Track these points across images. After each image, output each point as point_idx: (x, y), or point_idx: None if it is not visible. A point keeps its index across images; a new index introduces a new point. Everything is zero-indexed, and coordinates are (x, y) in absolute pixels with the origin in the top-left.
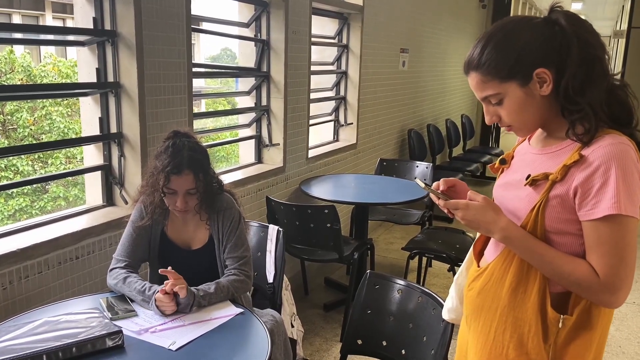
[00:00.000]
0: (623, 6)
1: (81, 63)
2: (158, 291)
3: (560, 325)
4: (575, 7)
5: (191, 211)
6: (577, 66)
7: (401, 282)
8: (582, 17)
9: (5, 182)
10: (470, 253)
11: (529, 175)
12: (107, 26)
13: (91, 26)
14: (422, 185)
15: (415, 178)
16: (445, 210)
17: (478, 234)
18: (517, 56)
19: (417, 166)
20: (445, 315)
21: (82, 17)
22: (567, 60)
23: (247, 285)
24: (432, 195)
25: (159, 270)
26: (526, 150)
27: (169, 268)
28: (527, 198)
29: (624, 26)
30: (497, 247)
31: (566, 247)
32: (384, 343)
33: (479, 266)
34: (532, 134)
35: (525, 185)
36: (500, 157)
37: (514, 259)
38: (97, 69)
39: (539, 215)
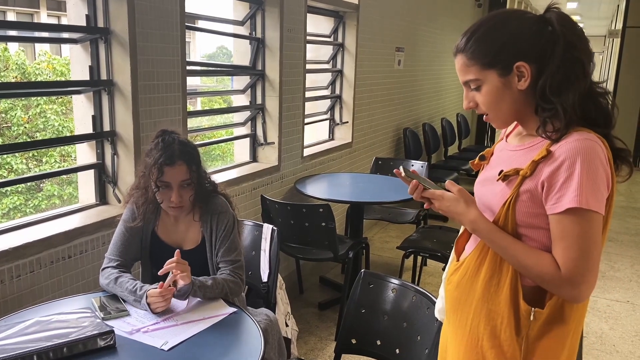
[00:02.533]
0: (618, 5)
1: (74, 61)
2: (150, 289)
3: (531, 318)
4: (570, 6)
5: (186, 207)
6: (557, 66)
7: (395, 281)
8: (576, 19)
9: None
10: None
11: (501, 171)
12: (100, 23)
13: (84, 23)
14: (403, 174)
15: (400, 167)
16: (422, 200)
17: (462, 229)
18: (501, 45)
19: (413, 165)
20: (437, 315)
21: (75, 14)
22: (549, 59)
23: (239, 288)
24: (410, 184)
25: (159, 272)
26: (503, 147)
27: (177, 254)
28: (500, 193)
29: (619, 25)
30: (475, 241)
31: (537, 241)
32: (379, 342)
33: (458, 260)
34: (511, 131)
35: (497, 180)
36: (480, 153)
37: (489, 252)
38: (90, 66)
39: (509, 209)
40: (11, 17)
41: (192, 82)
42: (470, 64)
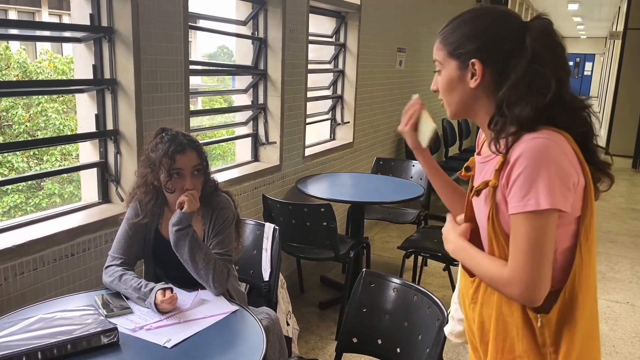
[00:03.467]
0: (619, 7)
1: (77, 59)
2: (159, 290)
3: (538, 324)
4: (571, 8)
5: (199, 193)
6: (519, 78)
7: (397, 280)
8: (577, 21)
9: (0, 178)
10: (460, 269)
11: (472, 187)
12: (104, 22)
13: (88, 22)
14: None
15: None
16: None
17: None
18: (466, 39)
19: (414, 165)
20: (454, 339)
21: (79, 13)
22: (512, 69)
23: (224, 277)
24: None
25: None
26: (478, 159)
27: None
28: (484, 209)
29: (620, 27)
30: None
31: None
32: (379, 341)
33: (471, 276)
34: (483, 142)
35: (471, 197)
36: (465, 164)
37: None
38: (93, 65)
39: (494, 224)
40: (13, 15)
41: (193, 81)
42: (440, 47)
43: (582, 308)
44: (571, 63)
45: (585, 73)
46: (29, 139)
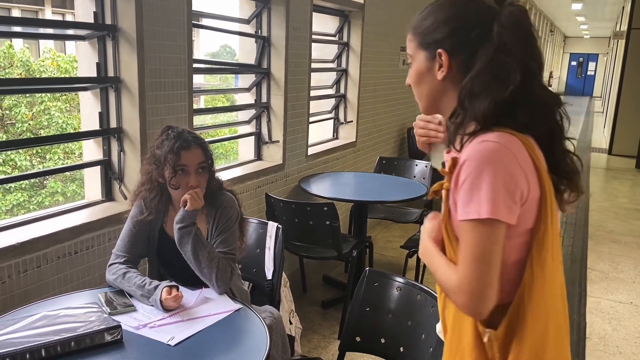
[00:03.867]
0: (623, 7)
1: (81, 57)
2: (165, 287)
3: (486, 339)
4: (575, 8)
5: (203, 191)
6: (482, 68)
7: (400, 279)
8: (581, 20)
9: (3, 176)
10: None
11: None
12: (108, 20)
13: (92, 20)
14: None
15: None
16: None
17: None
18: (434, 28)
19: (417, 164)
20: (440, 335)
21: (83, 11)
22: (478, 58)
23: (227, 276)
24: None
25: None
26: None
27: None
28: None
29: (624, 27)
30: None
31: None
32: (383, 340)
33: None
34: None
35: (430, 198)
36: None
37: None
38: (97, 63)
39: (447, 227)
40: (16, 14)
41: (196, 80)
42: (411, 38)
43: (533, 323)
44: (574, 63)
45: (589, 73)
46: (32, 137)
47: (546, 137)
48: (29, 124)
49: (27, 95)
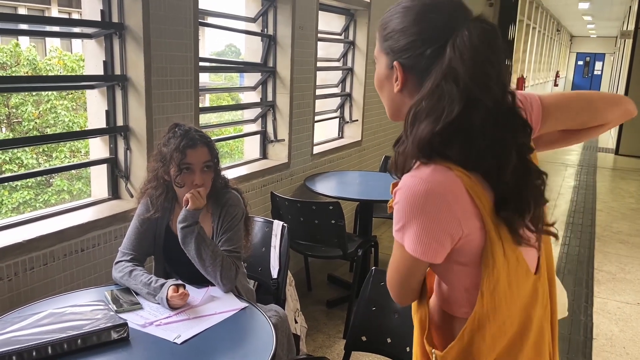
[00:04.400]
0: (630, 7)
1: (88, 55)
2: (171, 285)
3: (433, 358)
4: (582, 7)
5: (208, 190)
6: (429, 91)
7: None
8: (588, 20)
9: (9, 174)
10: None
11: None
12: (115, 19)
13: (99, 18)
14: None
15: None
16: None
17: None
18: (393, 34)
19: None
20: None
21: (90, 9)
22: (427, 79)
23: (232, 274)
24: None
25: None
26: None
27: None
28: None
29: (631, 26)
30: None
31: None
32: (389, 340)
33: None
34: None
35: (390, 212)
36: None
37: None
38: (104, 61)
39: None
40: (22, 12)
41: (201, 79)
42: (377, 37)
43: (487, 353)
44: (581, 62)
45: (596, 72)
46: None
47: (493, 172)
48: (36, 123)
49: (34, 93)
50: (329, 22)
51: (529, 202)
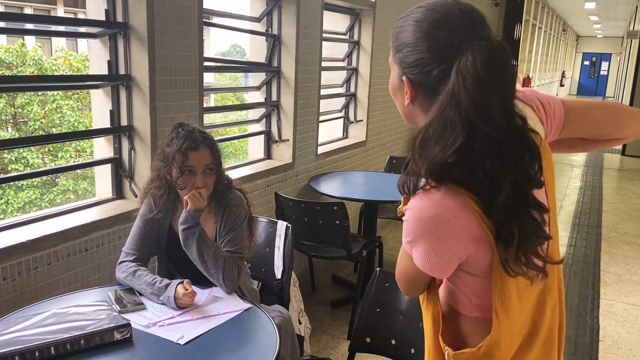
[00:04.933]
0: (637, 6)
1: (93, 55)
2: (178, 284)
3: (446, 356)
4: (588, 7)
5: (209, 191)
6: (434, 119)
7: None
8: (594, 20)
9: (14, 174)
10: None
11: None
12: (119, 18)
13: (103, 18)
14: None
15: None
16: None
17: None
18: (404, 47)
19: None
20: None
21: (94, 8)
22: (435, 102)
23: (234, 276)
24: None
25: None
26: None
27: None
28: None
29: (638, 26)
30: None
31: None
32: (393, 342)
33: None
34: None
35: (400, 215)
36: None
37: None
38: (108, 61)
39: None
40: (28, 12)
41: (206, 79)
42: (391, 43)
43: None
44: (587, 63)
45: (602, 73)
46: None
47: (487, 202)
48: (41, 122)
49: (40, 93)
50: (334, 22)
51: (519, 236)
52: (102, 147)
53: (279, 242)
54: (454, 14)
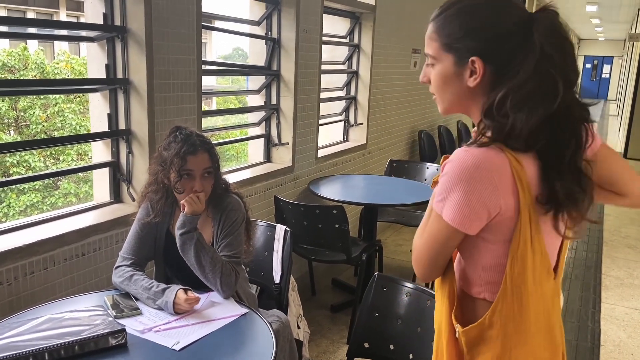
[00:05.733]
0: (639, 9)
1: (91, 59)
2: (179, 289)
3: (457, 335)
4: (590, 10)
5: (207, 195)
6: (525, 79)
7: (410, 285)
8: (596, 22)
9: (15, 177)
10: None
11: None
12: (117, 22)
13: (101, 22)
14: None
15: None
16: None
17: None
18: (464, 33)
19: (428, 167)
20: None
21: (93, 12)
22: (517, 67)
23: (231, 279)
24: None
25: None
26: None
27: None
28: None
29: (639, 29)
30: None
31: (468, 254)
32: (392, 347)
33: None
34: None
35: (432, 187)
36: None
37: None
38: (106, 65)
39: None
40: (31, 16)
41: (208, 82)
42: (434, 37)
43: (506, 340)
44: (589, 65)
45: (604, 76)
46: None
47: (554, 154)
48: (43, 126)
49: (42, 97)
50: (334, 25)
51: (574, 198)
52: (100, 151)
53: (278, 246)
54: None
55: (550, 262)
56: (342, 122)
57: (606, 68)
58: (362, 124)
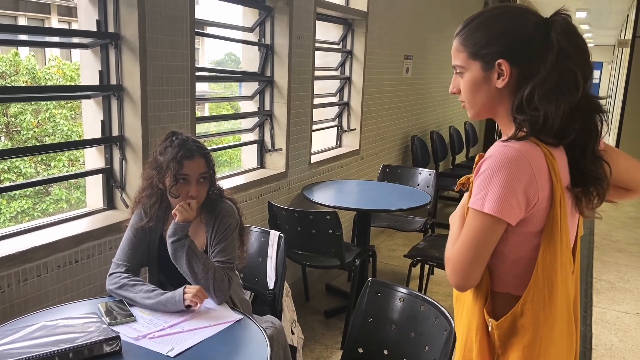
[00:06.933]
0: (628, 15)
1: (84, 65)
2: (185, 287)
3: (490, 329)
4: (579, 16)
5: (202, 201)
6: (547, 73)
7: (403, 290)
8: (585, 29)
9: (7, 184)
10: None
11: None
12: (111, 29)
13: (94, 29)
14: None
15: None
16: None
17: None
18: (488, 40)
19: (420, 173)
20: None
21: (86, 19)
22: (539, 65)
23: (224, 285)
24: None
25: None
26: None
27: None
28: None
29: (629, 35)
30: None
31: (502, 251)
32: (386, 352)
33: None
34: None
35: (456, 190)
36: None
37: None
38: (100, 71)
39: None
40: (22, 22)
41: (201, 88)
42: (460, 49)
43: (536, 329)
44: None
45: (593, 81)
46: (37, 144)
47: (580, 143)
48: (34, 132)
49: (33, 102)
50: (327, 32)
51: (599, 178)
52: (93, 158)
53: (272, 252)
54: (521, 5)
55: (571, 256)
56: (335, 128)
57: (596, 73)
58: (355, 129)
